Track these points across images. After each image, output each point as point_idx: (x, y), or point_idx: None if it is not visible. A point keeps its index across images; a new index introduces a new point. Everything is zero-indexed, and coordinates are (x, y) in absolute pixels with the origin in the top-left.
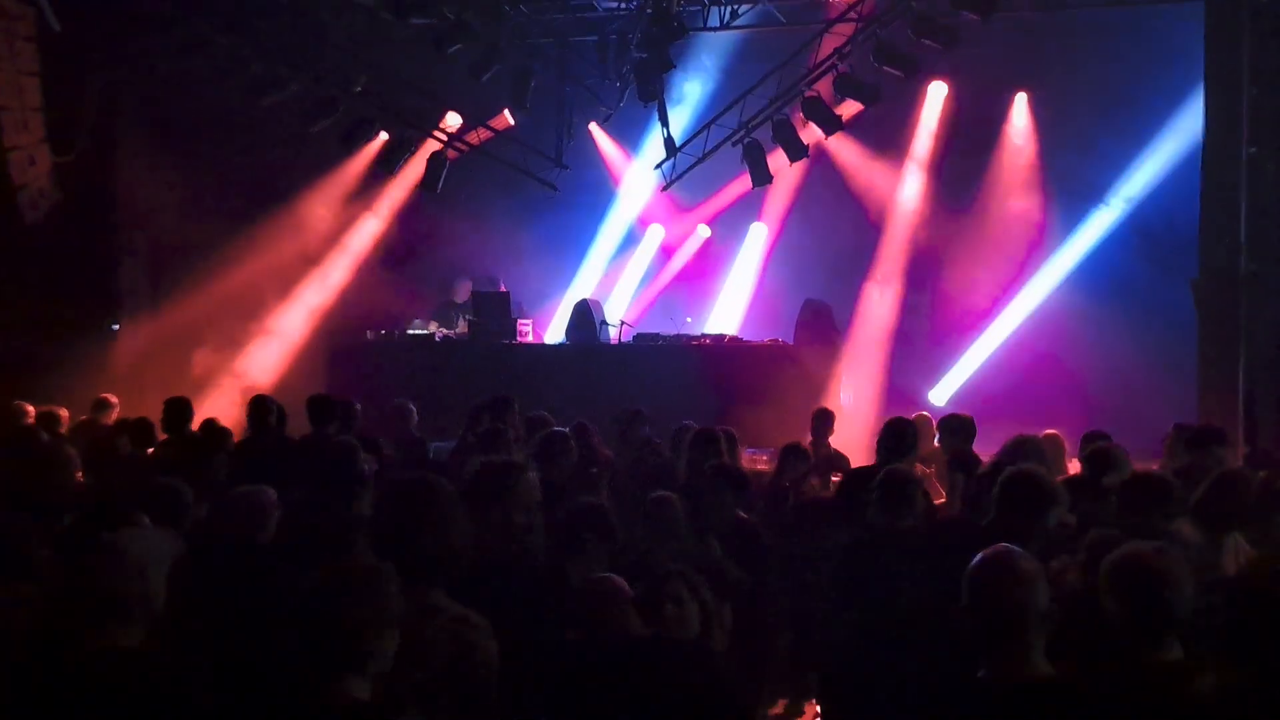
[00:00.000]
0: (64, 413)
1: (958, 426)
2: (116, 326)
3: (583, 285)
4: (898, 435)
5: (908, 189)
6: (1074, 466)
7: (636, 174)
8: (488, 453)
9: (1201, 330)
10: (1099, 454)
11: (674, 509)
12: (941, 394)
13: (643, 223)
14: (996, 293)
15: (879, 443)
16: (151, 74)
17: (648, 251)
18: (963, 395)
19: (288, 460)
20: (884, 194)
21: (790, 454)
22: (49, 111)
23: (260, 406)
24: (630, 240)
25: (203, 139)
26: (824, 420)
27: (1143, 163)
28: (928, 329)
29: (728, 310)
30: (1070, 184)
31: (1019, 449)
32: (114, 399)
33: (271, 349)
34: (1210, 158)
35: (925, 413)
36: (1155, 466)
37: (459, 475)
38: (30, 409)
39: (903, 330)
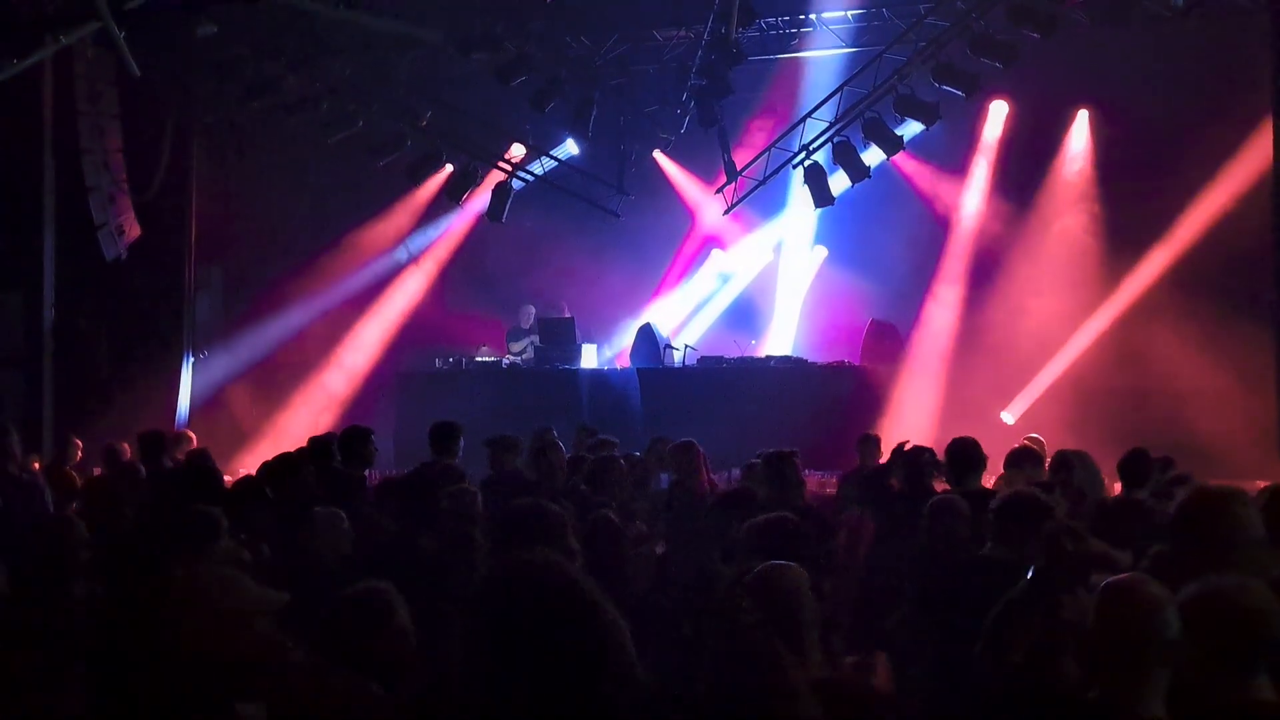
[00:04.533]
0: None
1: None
2: (205, 354)
3: (650, 309)
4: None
5: (970, 207)
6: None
7: (701, 198)
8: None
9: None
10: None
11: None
12: (1013, 413)
13: (707, 246)
14: (1063, 311)
15: (947, 463)
16: (225, 114)
17: (710, 275)
18: (1033, 414)
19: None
20: (946, 212)
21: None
22: (128, 152)
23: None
24: (696, 264)
25: (275, 174)
26: (868, 446)
27: (1212, 179)
28: (993, 347)
29: (791, 332)
30: (1136, 203)
31: None
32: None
33: (341, 379)
34: None
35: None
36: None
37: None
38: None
39: (967, 348)
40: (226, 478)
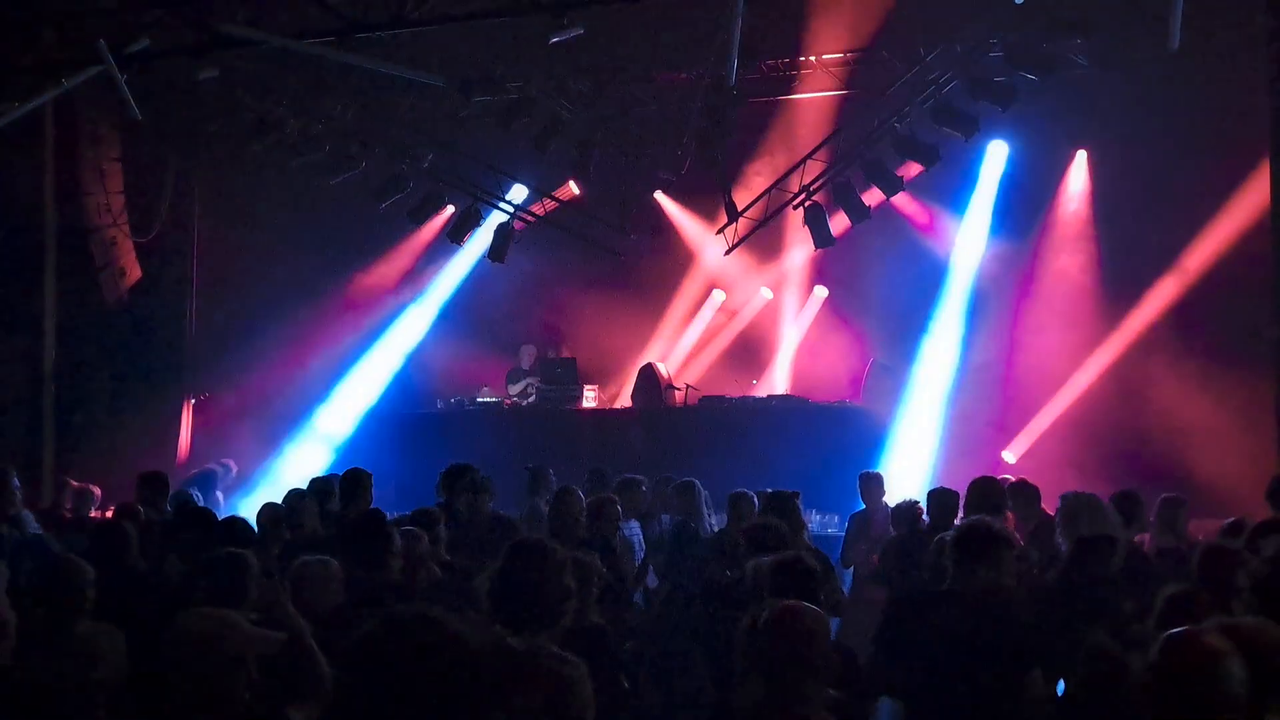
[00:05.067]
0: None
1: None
2: (205, 396)
3: (651, 349)
4: (985, 494)
5: (969, 247)
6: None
7: (702, 239)
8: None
9: (1278, 385)
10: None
11: None
12: (1014, 452)
13: (708, 286)
14: (1063, 349)
15: (966, 503)
16: (227, 156)
17: (711, 315)
18: (1034, 452)
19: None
20: (946, 252)
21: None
22: (130, 194)
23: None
24: (697, 304)
25: (276, 217)
26: (870, 484)
27: (1211, 219)
28: (993, 386)
29: (792, 372)
30: (1134, 242)
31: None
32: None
33: (342, 420)
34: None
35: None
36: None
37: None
38: None
39: (967, 387)
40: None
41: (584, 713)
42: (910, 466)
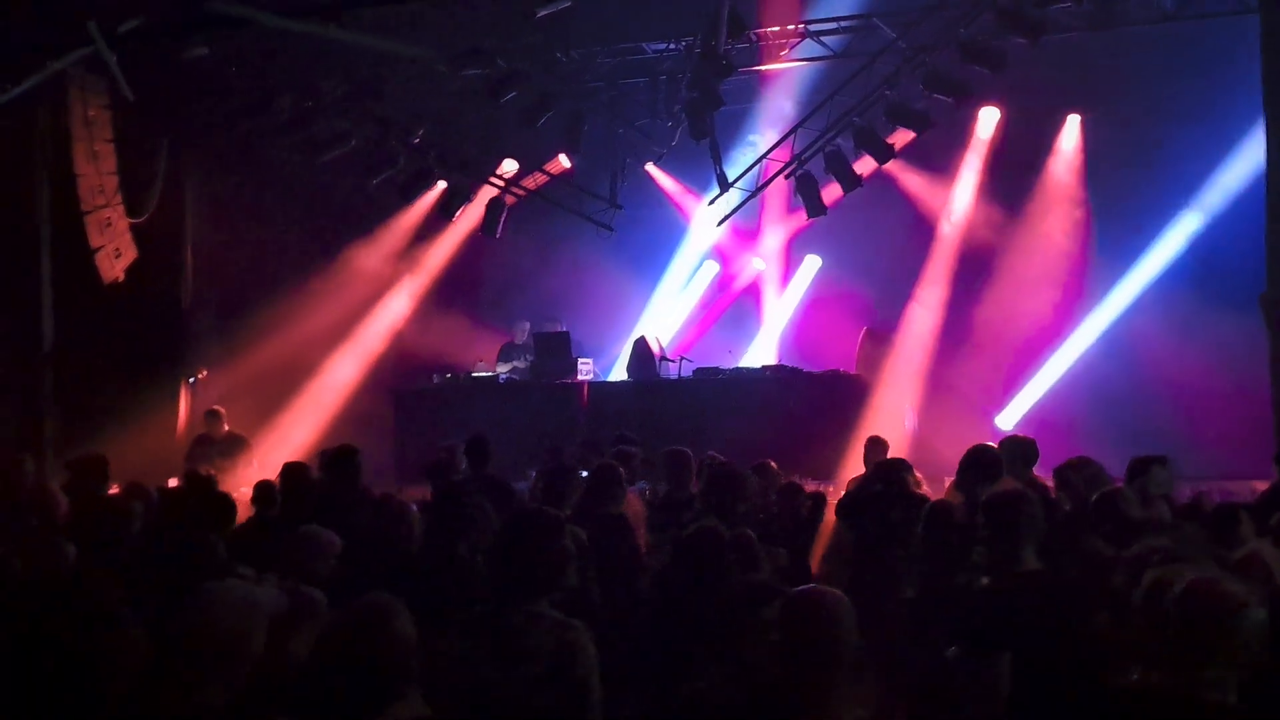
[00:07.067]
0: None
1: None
2: (202, 375)
3: (646, 322)
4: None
5: (961, 212)
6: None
7: (693, 210)
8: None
9: (1273, 348)
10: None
11: None
12: (1009, 418)
13: (701, 257)
14: (1056, 313)
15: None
16: (218, 134)
17: (703, 287)
18: (1029, 419)
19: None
20: (938, 218)
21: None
22: (124, 175)
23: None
24: (690, 275)
25: (268, 194)
26: (876, 448)
27: (1205, 183)
28: (986, 351)
29: (785, 341)
30: (1127, 205)
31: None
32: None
33: (337, 396)
34: (1274, 172)
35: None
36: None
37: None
38: None
39: (960, 353)
40: None
41: (588, 676)
42: (904, 434)
